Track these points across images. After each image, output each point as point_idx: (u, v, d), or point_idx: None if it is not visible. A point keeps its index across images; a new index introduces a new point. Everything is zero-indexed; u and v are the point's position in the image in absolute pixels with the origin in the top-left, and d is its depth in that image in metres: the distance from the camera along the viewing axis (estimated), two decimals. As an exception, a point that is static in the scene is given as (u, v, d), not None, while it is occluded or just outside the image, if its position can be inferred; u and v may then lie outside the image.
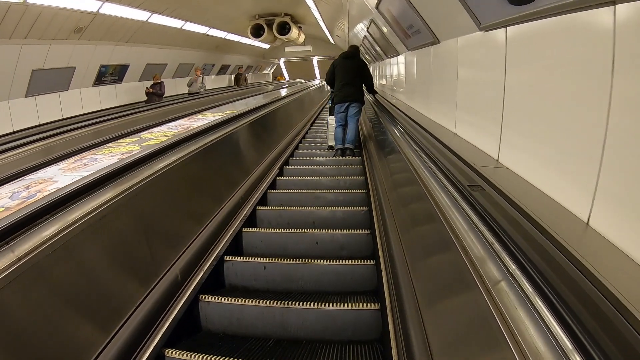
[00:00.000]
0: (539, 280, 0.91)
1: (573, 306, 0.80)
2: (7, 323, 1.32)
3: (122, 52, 9.18)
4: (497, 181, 1.60)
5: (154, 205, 2.32)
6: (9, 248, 1.40)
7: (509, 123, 1.84)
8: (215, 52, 14.53)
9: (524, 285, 0.95)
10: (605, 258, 1.03)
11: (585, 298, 0.82)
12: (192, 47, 12.34)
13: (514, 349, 0.86)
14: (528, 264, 0.99)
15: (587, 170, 1.18)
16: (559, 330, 0.78)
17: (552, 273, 0.92)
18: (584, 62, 1.24)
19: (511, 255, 1.08)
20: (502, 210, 1.34)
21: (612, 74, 1.08)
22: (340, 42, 17.06)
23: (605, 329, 0.73)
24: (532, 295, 0.91)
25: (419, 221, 2.19)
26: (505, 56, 1.84)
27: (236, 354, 1.86)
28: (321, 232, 3.02)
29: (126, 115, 6.88)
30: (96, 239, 1.78)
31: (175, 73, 12.63)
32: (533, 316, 0.88)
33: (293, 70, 24.97)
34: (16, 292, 1.36)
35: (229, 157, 3.73)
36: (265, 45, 17.81)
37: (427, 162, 2.22)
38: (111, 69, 9.35)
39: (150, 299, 1.95)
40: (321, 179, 4.42)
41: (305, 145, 6.40)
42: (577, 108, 1.29)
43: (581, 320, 0.76)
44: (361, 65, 5.50)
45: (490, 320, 1.00)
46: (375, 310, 2.10)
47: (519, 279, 0.99)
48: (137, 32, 8.94)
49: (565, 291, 0.85)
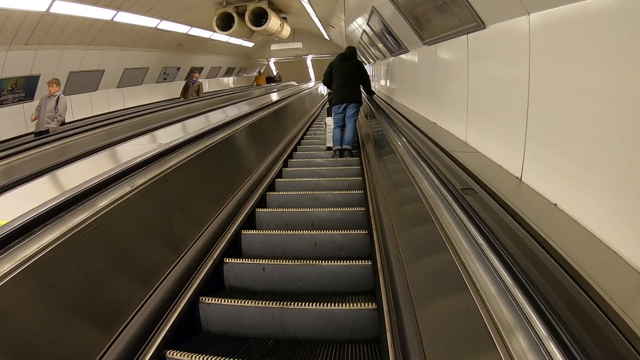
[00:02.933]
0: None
1: (562, 314, 0.83)
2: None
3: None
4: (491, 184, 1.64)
5: (154, 209, 2.37)
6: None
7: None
8: (178, 52, 11.65)
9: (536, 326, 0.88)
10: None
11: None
12: (140, 46, 9.60)
13: (499, 347, 0.90)
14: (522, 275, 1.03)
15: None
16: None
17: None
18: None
19: (497, 255, 1.12)
20: (492, 211, 1.38)
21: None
22: (337, 37, 14.74)
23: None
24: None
25: (413, 221, 2.23)
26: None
27: (236, 355, 1.90)
28: (320, 233, 3.06)
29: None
30: (98, 240, 1.82)
31: (121, 82, 9.82)
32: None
33: (285, 72, 22.63)
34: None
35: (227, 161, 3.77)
36: (248, 43, 15.31)
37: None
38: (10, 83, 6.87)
39: (152, 301, 1.99)
40: (320, 180, 4.46)
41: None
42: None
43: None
44: (359, 66, 5.55)
45: (478, 320, 1.04)
46: (373, 310, 2.14)
47: (512, 289, 1.01)
48: (40, 29, 6.42)
49: (556, 300, 0.89)
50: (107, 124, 6.32)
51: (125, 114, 7.80)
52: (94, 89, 9.12)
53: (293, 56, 19.43)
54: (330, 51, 17.80)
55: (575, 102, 1.39)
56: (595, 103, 1.27)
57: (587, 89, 1.31)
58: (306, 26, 15.05)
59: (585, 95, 1.32)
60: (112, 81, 9.59)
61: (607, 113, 1.21)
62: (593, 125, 1.28)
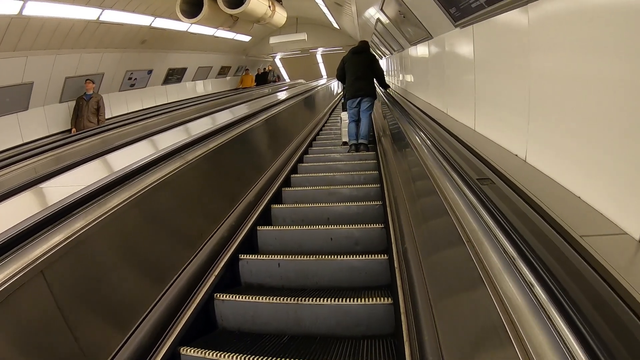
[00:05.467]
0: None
1: (591, 318, 0.76)
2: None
3: None
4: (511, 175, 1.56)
5: (169, 207, 2.37)
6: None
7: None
8: (145, 51, 9.11)
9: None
10: None
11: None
12: (83, 47, 7.26)
13: (517, 347, 0.84)
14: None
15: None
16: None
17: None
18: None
19: (516, 247, 1.05)
20: (512, 204, 1.31)
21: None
22: (349, 26, 12.19)
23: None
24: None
25: (431, 214, 2.16)
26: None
27: (250, 351, 1.89)
28: (336, 228, 3.03)
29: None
30: (116, 235, 1.84)
31: (64, 94, 7.50)
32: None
33: (292, 69, 19.34)
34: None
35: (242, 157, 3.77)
36: (243, 36, 12.52)
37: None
38: None
39: (167, 297, 2.00)
40: (335, 175, 4.42)
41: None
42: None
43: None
44: (372, 60, 5.49)
45: (496, 316, 0.98)
46: (389, 305, 2.09)
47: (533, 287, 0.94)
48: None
49: (573, 287, 0.83)
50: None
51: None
52: (23, 108, 6.82)
53: (299, 50, 16.31)
54: (341, 43, 15.37)
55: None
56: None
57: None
58: (311, 13, 12.61)
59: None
60: (51, 95, 7.29)
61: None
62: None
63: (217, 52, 12.96)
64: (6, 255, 1.37)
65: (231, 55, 14.34)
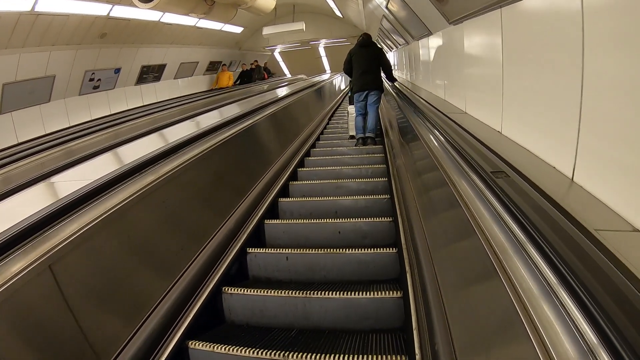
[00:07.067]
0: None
1: (608, 308, 0.73)
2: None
3: None
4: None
5: (178, 202, 2.36)
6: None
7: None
8: (108, 46, 7.84)
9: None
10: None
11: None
12: (20, 46, 6.02)
13: (535, 342, 0.81)
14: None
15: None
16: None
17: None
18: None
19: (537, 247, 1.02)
20: (525, 195, 1.28)
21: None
22: (354, 15, 11.12)
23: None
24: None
25: (440, 207, 2.13)
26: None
27: (258, 345, 1.88)
28: (343, 221, 3.00)
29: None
30: (126, 228, 1.83)
31: (4, 105, 6.20)
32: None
33: (293, 63, 17.74)
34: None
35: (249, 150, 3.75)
36: (233, 27, 11.16)
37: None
38: None
39: (175, 290, 1.99)
40: (342, 169, 4.39)
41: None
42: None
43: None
44: (378, 52, 5.42)
45: (512, 312, 0.95)
46: (398, 298, 2.07)
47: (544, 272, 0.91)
48: None
49: (594, 284, 0.80)
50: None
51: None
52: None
53: (299, 42, 14.50)
54: (345, 33, 13.96)
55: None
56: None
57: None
58: (313, 2, 11.31)
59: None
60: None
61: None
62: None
63: (203, 45, 11.41)
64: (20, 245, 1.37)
65: (222, 49, 12.83)
